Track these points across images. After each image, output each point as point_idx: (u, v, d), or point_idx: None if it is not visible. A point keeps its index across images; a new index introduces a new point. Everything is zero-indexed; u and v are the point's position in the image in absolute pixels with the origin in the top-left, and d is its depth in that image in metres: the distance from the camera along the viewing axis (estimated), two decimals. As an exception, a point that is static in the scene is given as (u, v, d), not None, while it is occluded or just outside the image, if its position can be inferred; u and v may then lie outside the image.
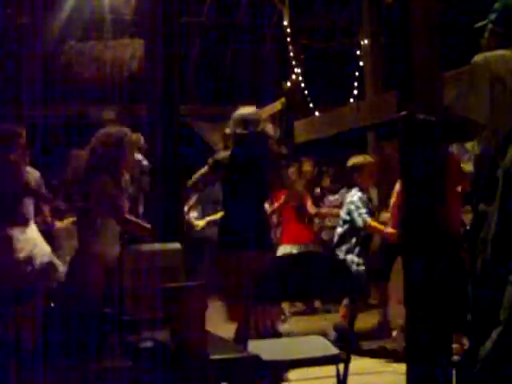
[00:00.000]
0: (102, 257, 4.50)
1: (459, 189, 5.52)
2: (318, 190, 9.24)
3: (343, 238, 6.31)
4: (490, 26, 3.70)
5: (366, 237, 6.31)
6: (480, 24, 3.76)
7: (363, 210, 6.17)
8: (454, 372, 3.14)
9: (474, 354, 2.13)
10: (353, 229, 6.24)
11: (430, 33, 3.23)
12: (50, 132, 9.38)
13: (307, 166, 8.73)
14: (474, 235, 3.13)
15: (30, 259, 5.13)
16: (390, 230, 6.05)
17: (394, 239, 5.92)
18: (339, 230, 6.38)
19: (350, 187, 6.83)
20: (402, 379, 3.25)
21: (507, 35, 3.63)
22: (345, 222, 6.33)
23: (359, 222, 6.14)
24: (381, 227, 6.19)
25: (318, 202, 8.75)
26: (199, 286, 2.21)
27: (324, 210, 8.56)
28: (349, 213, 6.27)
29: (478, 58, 3.53)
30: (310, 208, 7.96)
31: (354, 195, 6.31)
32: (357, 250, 6.22)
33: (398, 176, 6.58)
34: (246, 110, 5.07)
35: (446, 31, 3.83)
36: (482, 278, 2.22)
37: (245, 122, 4.95)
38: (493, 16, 3.69)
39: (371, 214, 6.31)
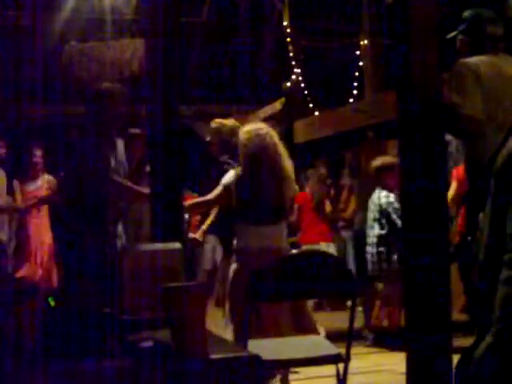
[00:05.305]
0: None
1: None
2: (332, 191, 9.24)
3: (381, 238, 6.32)
4: (460, 36, 3.77)
5: None
6: (451, 35, 3.83)
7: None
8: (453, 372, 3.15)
9: (471, 356, 2.13)
10: (392, 230, 6.20)
11: (430, 33, 3.23)
12: (50, 132, 9.38)
13: (323, 169, 8.80)
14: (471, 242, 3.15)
15: None
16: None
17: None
18: (376, 231, 6.37)
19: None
20: (402, 379, 3.25)
21: (476, 44, 3.70)
22: (381, 223, 6.30)
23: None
24: None
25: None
26: (199, 286, 2.21)
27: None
28: (387, 215, 6.22)
29: (465, 60, 3.58)
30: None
31: (388, 196, 6.25)
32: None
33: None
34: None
35: (447, 32, 3.86)
36: (478, 282, 2.22)
37: None
38: (462, 26, 3.77)
39: None
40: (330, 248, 7.87)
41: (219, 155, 5.34)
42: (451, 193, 5.98)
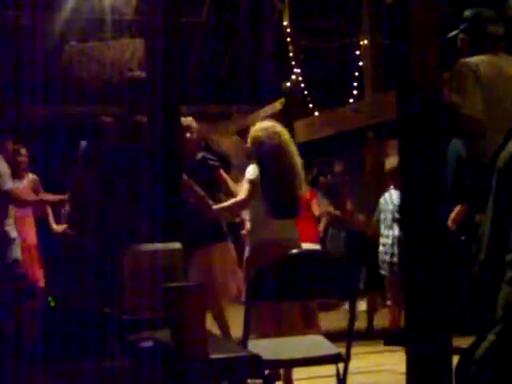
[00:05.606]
0: None
1: None
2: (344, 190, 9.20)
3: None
4: (460, 35, 3.78)
5: None
6: (452, 34, 3.84)
7: None
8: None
9: (471, 356, 2.13)
10: None
11: (430, 33, 3.23)
12: (50, 132, 9.39)
13: (339, 167, 8.77)
14: (470, 242, 3.14)
15: None
16: None
17: None
18: (396, 232, 6.39)
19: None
20: (402, 379, 3.25)
21: (477, 43, 3.70)
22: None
23: None
24: None
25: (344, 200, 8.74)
26: (199, 286, 2.21)
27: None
28: None
29: (465, 60, 3.59)
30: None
31: None
32: None
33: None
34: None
35: (447, 31, 3.86)
36: (478, 281, 2.22)
37: None
38: (462, 25, 3.78)
39: None
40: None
41: (196, 152, 5.16)
42: None
